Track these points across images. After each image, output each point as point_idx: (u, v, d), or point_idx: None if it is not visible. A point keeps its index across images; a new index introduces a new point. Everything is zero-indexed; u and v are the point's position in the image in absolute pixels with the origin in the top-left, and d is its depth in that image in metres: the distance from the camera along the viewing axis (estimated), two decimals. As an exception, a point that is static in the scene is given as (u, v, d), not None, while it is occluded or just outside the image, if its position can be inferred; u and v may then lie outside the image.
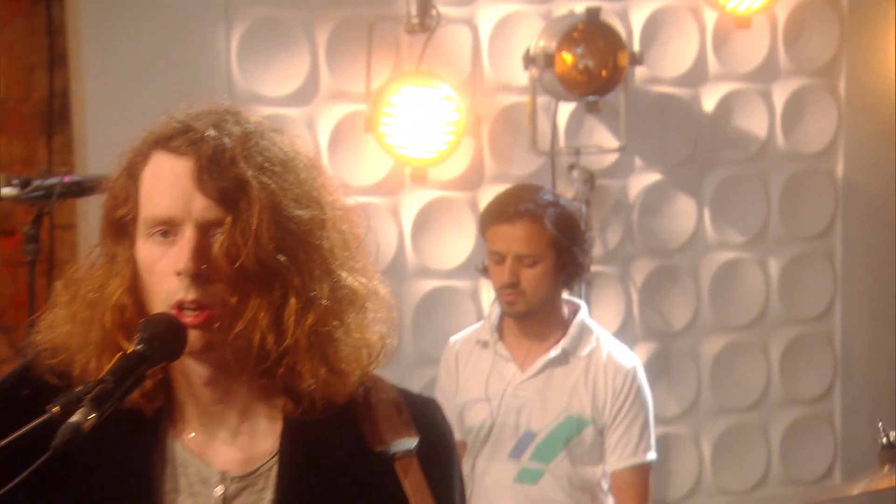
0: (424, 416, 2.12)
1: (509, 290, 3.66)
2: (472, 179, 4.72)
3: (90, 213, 4.21)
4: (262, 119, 2.02)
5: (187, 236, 1.89)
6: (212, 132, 1.94)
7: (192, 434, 2.07)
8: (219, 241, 1.88)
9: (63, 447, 1.70)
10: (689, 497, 5.16)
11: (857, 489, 3.60)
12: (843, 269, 5.37)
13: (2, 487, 1.76)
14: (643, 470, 3.79)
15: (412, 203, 4.75)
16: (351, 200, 2.17)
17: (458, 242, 4.64)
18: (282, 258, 1.93)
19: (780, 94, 5.29)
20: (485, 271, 3.80)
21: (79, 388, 1.81)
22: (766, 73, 5.29)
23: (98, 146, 4.25)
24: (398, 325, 2.13)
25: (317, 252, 1.98)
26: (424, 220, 4.71)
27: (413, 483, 2.01)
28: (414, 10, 4.47)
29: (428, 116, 4.42)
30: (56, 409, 1.75)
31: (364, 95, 4.57)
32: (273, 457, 2.05)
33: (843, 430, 5.37)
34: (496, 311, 3.86)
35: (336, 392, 2.01)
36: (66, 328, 2.02)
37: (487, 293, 4.59)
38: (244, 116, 2.01)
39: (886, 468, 3.35)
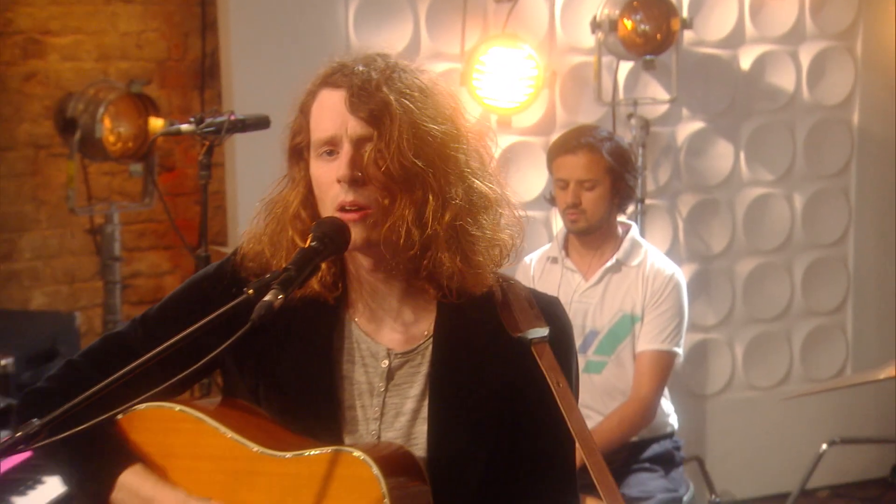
0: (551, 311, 2.13)
1: (572, 211, 3.68)
2: (546, 126, 4.72)
3: (236, 153, 4.33)
4: (408, 62, 2.03)
5: (344, 150, 1.94)
6: (361, 67, 1.97)
7: (364, 318, 2.11)
8: (368, 152, 1.92)
9: (259, 320, 1.80)
10: (724, 391, 5.20)
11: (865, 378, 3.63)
12: (857, 202, 5.36)
13: (210, 352, 1.83)
14: (665, 357, 3.78)
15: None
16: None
17: (534, 179, 4.63)
18: (420, 164, 1.94)
19: (806, 55, 5.23)
20: (552, 199, 3.82)
21: (268, 276, 1.90)
22: (794, 36, 5.21)
23: (242, 97, 4.26)
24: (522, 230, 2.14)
25: (452, 161, 2.00)
26: (506, 161, 4.62)
27: (547, 363, 2.03)
28: None
29: (512, 72, 4.43)
30: (251, 291, 1.84)
31: (458, 55, 4.57)
32: (428, 338, 2.08)
33: (853, 338, 5.40)
34: (563, 232, 3.89)
35: (473, 283, 2.03)
36: (262, 237, 2.08)
37: (556, 222, 4.59)
38: (392, 57, 2.02)
39: None
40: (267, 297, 1.83)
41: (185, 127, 3.58)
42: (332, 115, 1.98)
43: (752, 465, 4.64)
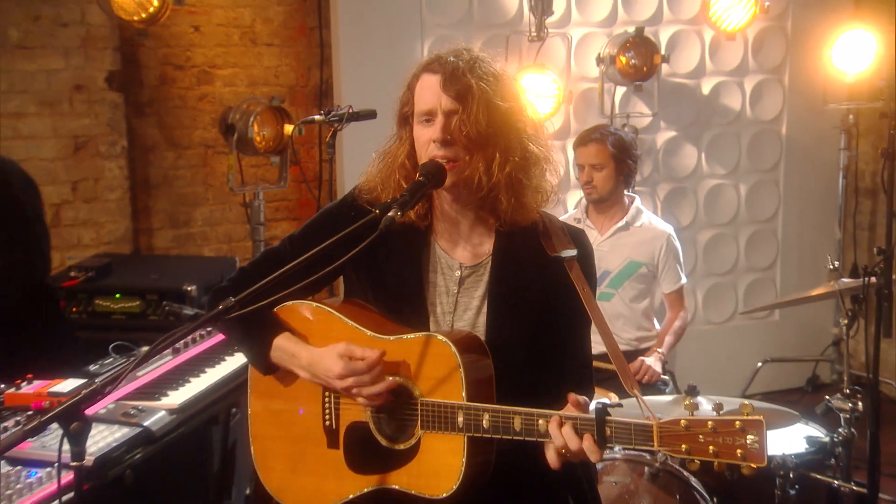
0: (579, 238, 2.12)
1: (587, 186, 3.70)
2: (563, 132, 4.71)
3: (344, 153, 4.31)
4: (486, 55, 2.02)
5: (438, 119, 1.96)
6: (452, 58, 1.98)
7: (443, 240, 2.12)
8: (455, 121, 1.94)
9: (385, 229, 1.86)
10: (689, 325, 4.96)
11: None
12: (784, 190, 5.33)
13: (339, 260, 1.90)
14: (682, 289, 3.84)
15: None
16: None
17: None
18: (491, 131, 1.96)
19: (749, 84, 5.19)
20: (578, 179, 3.83)
21: (387, 201, 1.95)
22: (740, 70, 5.17)
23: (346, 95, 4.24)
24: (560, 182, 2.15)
25: (513, 129, 2.00)
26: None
27: (576, 275, 2.02)
28: (533, 30, 4.46)
29: (540, 92, 4.42)
30: (377, 211, 1.90)
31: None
32: (489, 256, 2.08)
33: (780, 287, 5.38)
34: (583, 201, 3.88)
35: (522, 217, 2.03)
36: (376, 178, 2.09)
37: (569, 200, 4.65)
38: (474, 51, 2.02)
39: (831, 282, 3.31)
40: (390, 213, 1.87)
41: (317, 117, 3.56)
42: (430, 93, 1.98)
43: (708, 378, 4.62)
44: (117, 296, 3.61)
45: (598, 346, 2.12)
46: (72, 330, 3.42)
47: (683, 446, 1.70)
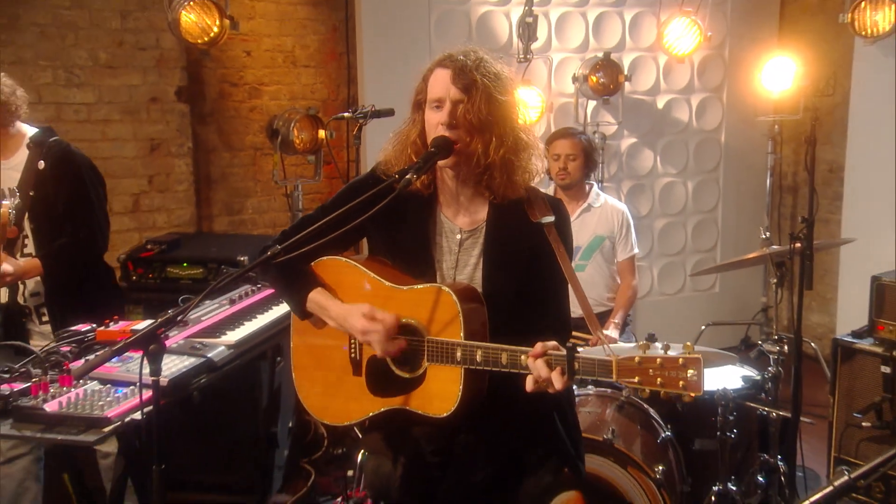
0: (557, 206, 2.09)
1: (562, 173, 3.60)
2: (544, 137, 4.54)
3: (367, 147, 4.22)
4: (489, 55, 2.00)
5: (447, 106, 1.93)
6: (461, 56, 1.96)
7: (446, 208, 2.09)
8: (460, 109, 1.92)
9: (402, 189, 1.87)
10: (646, 296, 5.15)
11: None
12: (724, 187, 5.33)
13: (363, 221, 1.89)
14: (633, 258, 3.75)
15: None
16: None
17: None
18: (491, 118, 1.94)
19: (695, 100, 5.19)
20: (548, 171, 3.66)
21: (402, 168, 1.95)
22: (688, 89, 5.17)
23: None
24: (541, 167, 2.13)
25: (508, 119, 1.98)
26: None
27: (553, 238, 2.01)
28: (521, 53, 4.46)
29: (527, 103, 4.36)
30: (396, 176, 1.91)
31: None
32: (483, 222, 2.06)
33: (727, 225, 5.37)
34: (553, 188, 3.77)
35: (511, 192, 2.01)
36: (391, 154, 2.07)
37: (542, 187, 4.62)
38: (480, 52, 2.00)
39: (763, 248, 3.26)
40: (408, 176, 1.87)
41: (346, 114, 3.57)
42: (441, 84, 1.96)
43: (661, 338, 4.25)
44: (185, 265, 3.63)
45: (576, 309, 2.08)
46: (121, 295, 3.39)
47: (636, 378, 1.71)
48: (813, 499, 1.44)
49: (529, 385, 1.82)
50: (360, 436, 2.29)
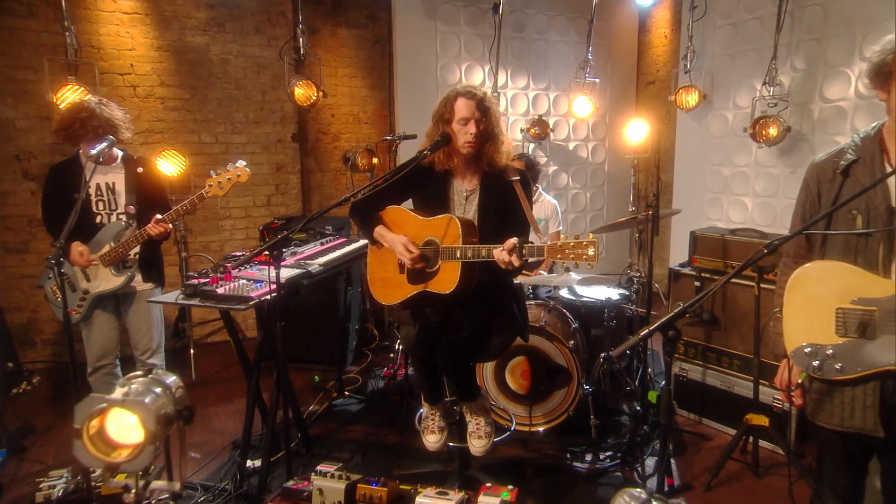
0: (521, 173, 1.98)
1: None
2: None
3: (401, 151, 4.07)
4: (488, 90, 1.92)
5: (471, 123, 1.87)
6: (476, 91, 1.90)
7: (456, 175, 1.98)
8: (481, 125, 1.88)
9: (419, 159, 1.81)
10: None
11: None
12: (607, 196, 5.37)
13: (403, 184, 1.80)
14: (559, 232, 3.46)
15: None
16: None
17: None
18: (493, 128, 1.91)
19: (590, 145, 5.19)
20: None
21: (426, 149, 1.82)
22: (587, 138, 5.18)
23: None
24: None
25: (499, 125, 1.94)
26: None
27: (519, 190, 1.93)
28: (490, 89, 4.16)
29: None
30: (420, 154, 1.85)
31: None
32: (479, 184, 1.96)
33: (606, 239, 5.21)
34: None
35: (497, 163, 1.93)
36: (424, 143, 1.94)
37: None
38: (482, 88, 1.93)
39: (630, 215, 3.23)
40: (425, 151, 1.85)
41: (388, 137, 3.44)
42: (467, 109, 1.87)
43: None
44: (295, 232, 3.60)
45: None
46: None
47: (558, 255, 1.66)
48: (631, 342, 1.43)
49: (501, 264, 1.73)
50: (396, 314, 2.19)
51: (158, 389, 1.29)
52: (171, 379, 1.34)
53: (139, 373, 1.33)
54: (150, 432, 1.21)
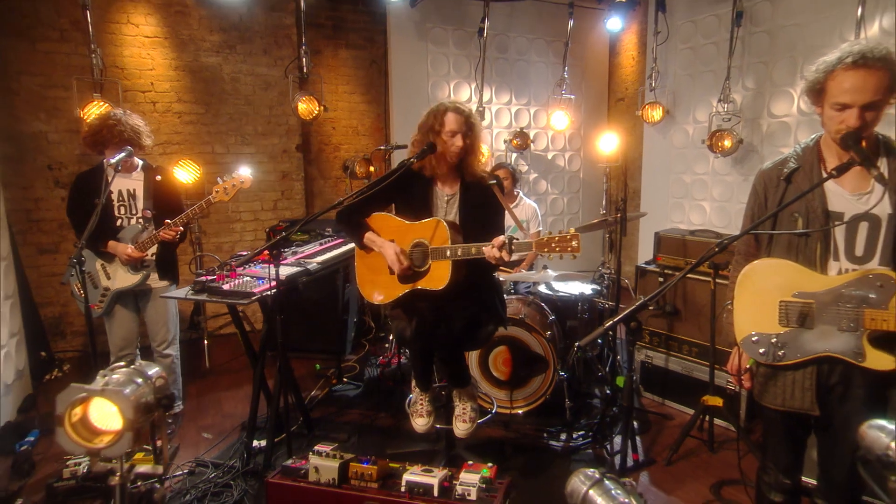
0: (496, 175, 1.96)
1: (505, 182, 3.12)
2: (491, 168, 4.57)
3: (394, 160, 3.95)
4: (473, 108, 1.85)
5: (458, 136, 1.75)
6: (464, 108, 1.83)
7: (438, 181, 1.84)
8: (466, 137, 1.74)
9: (406, 167, 1.76)
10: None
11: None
12: (582, 200, 5.25)
13: (389, 190, 1.74)
14: (538, 232, 3.32)
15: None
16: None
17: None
18: (476, 140, 1.89)
19: (567, 155, 5.17)
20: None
21: (413, 157, 1.77)
22: (563, 150, 5.15)
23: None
24: None
25: (480, 137, 1.92)
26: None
27: (498, 194, 1.90)
28: (476, 104, 4.27)
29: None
30: (407, 161, 1.81)
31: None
32: (459, 189, 1.92)
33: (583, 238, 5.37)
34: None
35: (474, 172, 1.91)
36: (411, 151, 1.88)
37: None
38: (470, 105, 1.93)
39: (602, 216, 3.27)
40: (412, 158, 1.81)
41: (383, 147, 3.52)
42: (457, 123, 1.83)
43: None
44: (298, 233, 3.46)
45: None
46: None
47: (545, 249, 1.65)
48: (598, 332, 1.37)
49: (492, 260, 1.71)
50: (389, 311, 2.11)
51: (139, 380, 1.28)
52: (154, 370, 1.34)
53: (122, 364, 1.33)
54: (128, 420, 1.20)
